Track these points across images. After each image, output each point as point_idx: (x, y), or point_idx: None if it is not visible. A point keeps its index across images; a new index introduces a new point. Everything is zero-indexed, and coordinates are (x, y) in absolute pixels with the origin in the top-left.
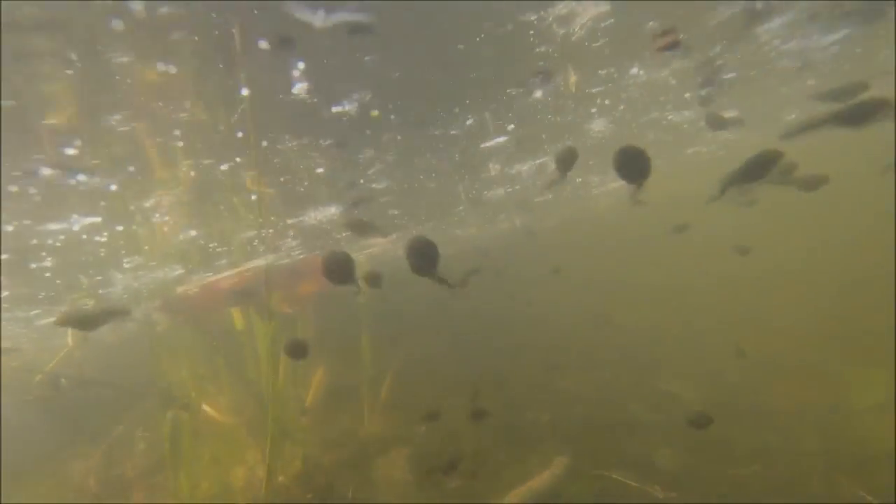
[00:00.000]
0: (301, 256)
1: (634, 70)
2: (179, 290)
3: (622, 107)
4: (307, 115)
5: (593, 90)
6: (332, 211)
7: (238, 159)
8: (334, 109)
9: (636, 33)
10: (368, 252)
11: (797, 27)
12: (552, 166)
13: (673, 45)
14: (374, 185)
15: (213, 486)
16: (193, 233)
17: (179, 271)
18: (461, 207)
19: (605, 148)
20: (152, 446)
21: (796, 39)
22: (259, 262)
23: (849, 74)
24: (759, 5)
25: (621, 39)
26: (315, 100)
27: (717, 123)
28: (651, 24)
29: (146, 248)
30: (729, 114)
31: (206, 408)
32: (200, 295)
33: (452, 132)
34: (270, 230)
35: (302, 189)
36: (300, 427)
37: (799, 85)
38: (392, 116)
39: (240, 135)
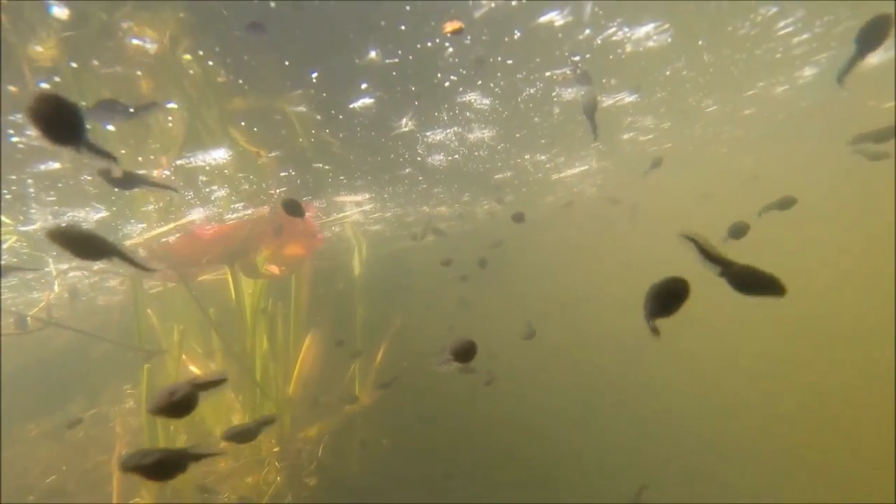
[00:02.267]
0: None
1: None
2: (138, 240)
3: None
4: None
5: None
6: (221, 154)
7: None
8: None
9: None
10: (345, 217)
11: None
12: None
13: (458, 31)
14: None
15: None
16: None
17: (102, 213)
18: (408, 170)
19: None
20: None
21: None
22: (195, 216)
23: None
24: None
25: None
26: None
27: (589, 106)
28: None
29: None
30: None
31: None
32: (181, 244)
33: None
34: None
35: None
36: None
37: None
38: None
39: None
